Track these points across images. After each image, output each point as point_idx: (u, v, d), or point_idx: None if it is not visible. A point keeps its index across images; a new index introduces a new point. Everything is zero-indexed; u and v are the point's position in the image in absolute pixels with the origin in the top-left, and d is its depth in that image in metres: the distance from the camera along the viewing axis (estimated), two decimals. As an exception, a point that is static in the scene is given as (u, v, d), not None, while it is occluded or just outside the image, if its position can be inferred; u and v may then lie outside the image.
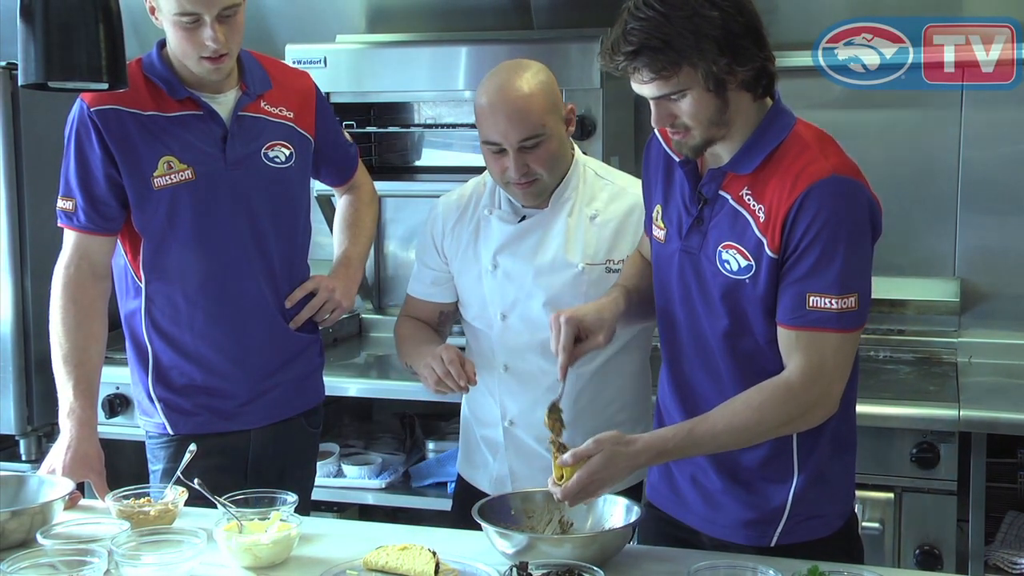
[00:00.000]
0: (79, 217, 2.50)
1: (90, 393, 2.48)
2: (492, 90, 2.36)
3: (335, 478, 3.46)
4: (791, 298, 1.95)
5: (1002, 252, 3.54)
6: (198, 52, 2.42)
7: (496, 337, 2.49)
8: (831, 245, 1.91)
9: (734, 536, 2.10)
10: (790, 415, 1.96)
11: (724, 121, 1.96)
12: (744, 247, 1.98)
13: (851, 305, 1.93)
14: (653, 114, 1.98)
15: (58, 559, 1.91)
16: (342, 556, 2.01)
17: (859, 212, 1.94)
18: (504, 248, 2.47)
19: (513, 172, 2.36)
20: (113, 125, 2.47)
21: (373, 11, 3.82)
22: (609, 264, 2.43)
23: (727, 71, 1.89)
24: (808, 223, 1.91)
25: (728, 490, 2.10)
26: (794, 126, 2.01)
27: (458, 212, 2.55)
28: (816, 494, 2.07)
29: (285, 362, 2.64)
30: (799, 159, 1.96)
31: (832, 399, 1.98)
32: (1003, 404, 3.06)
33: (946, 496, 2.96)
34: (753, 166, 1.99)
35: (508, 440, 2.52)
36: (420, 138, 3.98)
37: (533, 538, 1.97)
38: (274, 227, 2.60)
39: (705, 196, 2.05)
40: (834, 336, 1.94)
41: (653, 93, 1.94)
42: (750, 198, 1.99)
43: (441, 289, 2.59)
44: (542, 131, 2.34)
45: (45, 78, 2.14)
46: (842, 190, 1.92)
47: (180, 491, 2.21)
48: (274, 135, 2.59)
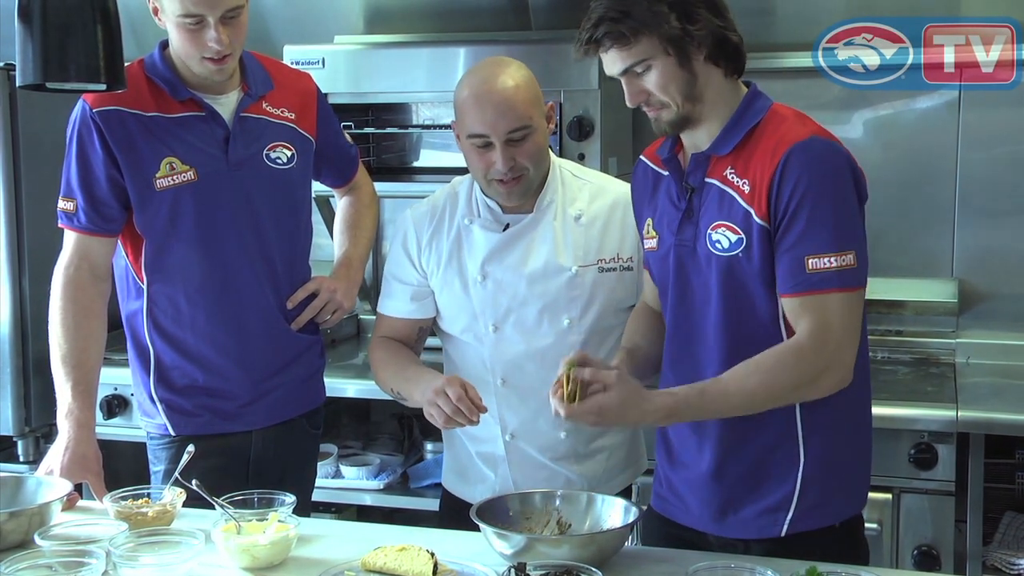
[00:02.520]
0: (80, 218, 2.50)
1: (88, 394, 2.48)
2: (477, 82, 2.34)
3: (333, 479, 3.46)
4: (789, 265, 1.97)
5: (1000, 253, 3.54)
6: (201, 53, 2.42)
7: (489, 350, 2.43)
8: (820, 204, 1.95)
9: (744, 531, 2.10)
10: (801, 378, 1.98)
11: (696, 95, 2.01)
12: (732, 222, 2.01)
13: (850, 262, 1.95)
14: (626, 93, 2.05)
15: (56, 560, 1.91)
16: (340, 557, 2.01)
17: (841, 169, 1.99)
18: (492, 258, 2.41)
19: (500, 165, 2.31)
20: (115, 126, 2.47)
21: (371, 12, 3.82)
22: (601, 264, 2.41)
23: (684, 34, 1.96)
24: (793, 185, 1.95)
25: (736, 484, 2.10)
26: (771, 106, 2.07)
27: (432, 224, 2.48)
28: (825, 480, 2.07)
29: (286, 363, 2.64)
30: (778, 131, 2.02)
31: (844, 365, 1.99)
32: (1001, 405, 3.07)
33: (944, 497, 2.96)
34: (733, 144, 2.04)
35: (511, 453, 2.46)
36: (418, 139, 3.98)
37: (531, 539, 1.97)
38: (276, 228, 2.60)
39: (692, 185, 2.08)
40: (837, 296, 1.96)
41: (618, 67, 2.01)
42: (734, 175, 2.03)
43: (420, 305, 2.50)
44: (529, 123, 2.31)
45: (43, 79, 2.14)
46: (821, 149, 1.98)
47: (178, 492, 2.21)
48: (276, 136, 2.60)
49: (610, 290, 2.42)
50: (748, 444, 2.08)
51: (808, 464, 2.06)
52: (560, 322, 2.40)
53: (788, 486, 2.07)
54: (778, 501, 2.08)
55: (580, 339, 2.39)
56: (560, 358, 2.30)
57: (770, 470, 2.08)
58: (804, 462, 2.06)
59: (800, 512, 2.07)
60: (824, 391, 2.01)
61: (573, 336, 2.40)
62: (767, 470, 2.08)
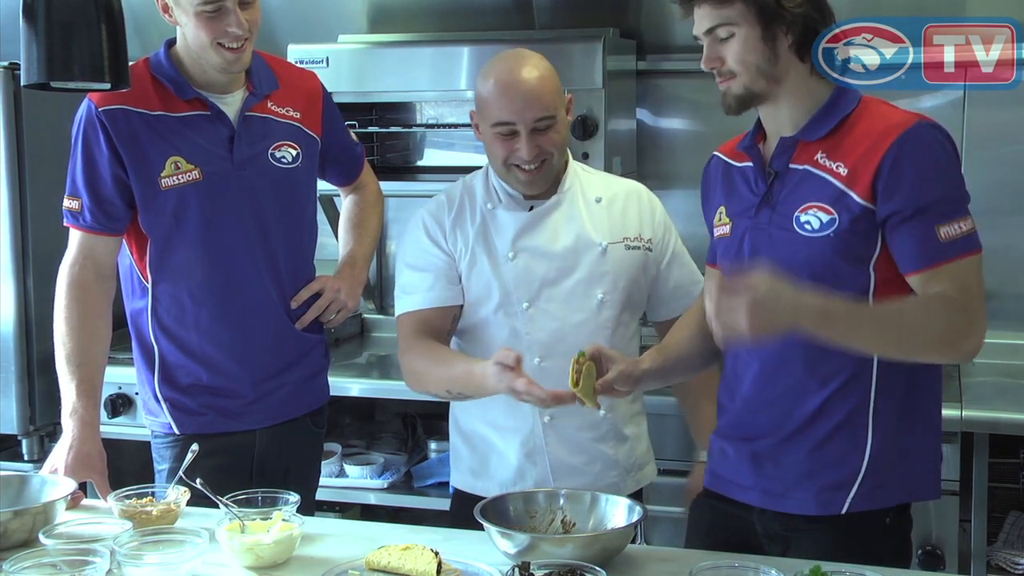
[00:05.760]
0: (85, 217, 2.51)
1: (93, 393, 2.48)
2: (502, 72, 2.36)
3: (337, 478, 3.46)
4: (919, 239, 1.99)
5: (1004, 252, 3.53)
6: (220, 40, 2.42)
7: (523, 328, 2.40)
8: (942, 178, 2.01)
9: (802, 507, 2.10)
10: (952, 331, 1.98)
11: (773, 75, 2.06)
12: (825, 203, 2.04)
13: (972, 226, 2.01)
14: (704, 53, 2.09)
15: (60, 559, 1.91)
16: (344, 556, 2.01)
17: (949, 143, 2.06)
18: (522, 235, 2.42)
19: (525, 153, 2.33)
20: (121, 125, 2.47)
21: (375, 11, 3.82)
22: (627, 241, 2.44)
23: (778, 6, 2.01)
24: (914, 165, 1.99)
25: (801, 459, 2.10)
26: (863, 96, 2.13)
27: (452, 212, 2.47)
28: (891, 461, 2.08)
29: (291, 362, 2.64)
30: (879, 116, 2.07)
31: (981, 328, 2.00)
32: (1006, 404, 3.06)
33: (948, 496, 2.95)
34: (826, 130, 2.07)
35: (549, 436, 2.42)
36: (422, 138, 3.99)
37: (535, 538, 1.97)
38: (280, 227, 2.60)
39: (775, 170, 2.11)
40: (968, 260, 1.99)
41: (705, 24, 2.05)
42: (825, 159, 2.06)
43: (458, 290, 2.44)
44: (554, 113, 2.35)
45: (47, 78, 2.14)
46: (930, 129, 2.04)
47: (182, 491, 2.21)
48: (281, 135, 2.60)
49: (637, 268, 2.45)
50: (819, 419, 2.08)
51: (876, 442, 2.07)
52: (594, 296, 2.41)
53: (856, 462, 2.07)
54: (842, 479, 2.08)
55: (613, 313, 2.41)
56: (595, 335, 2.34)
57: (838, 446, 2.08)
58: (872, 440, 2.07)
59: (864, 490, 2.07)
60: (966, 355, 2.06)
61: (607, 311, 2.41)
62: (835, 447, 2.08)
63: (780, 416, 2.10)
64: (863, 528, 2.08)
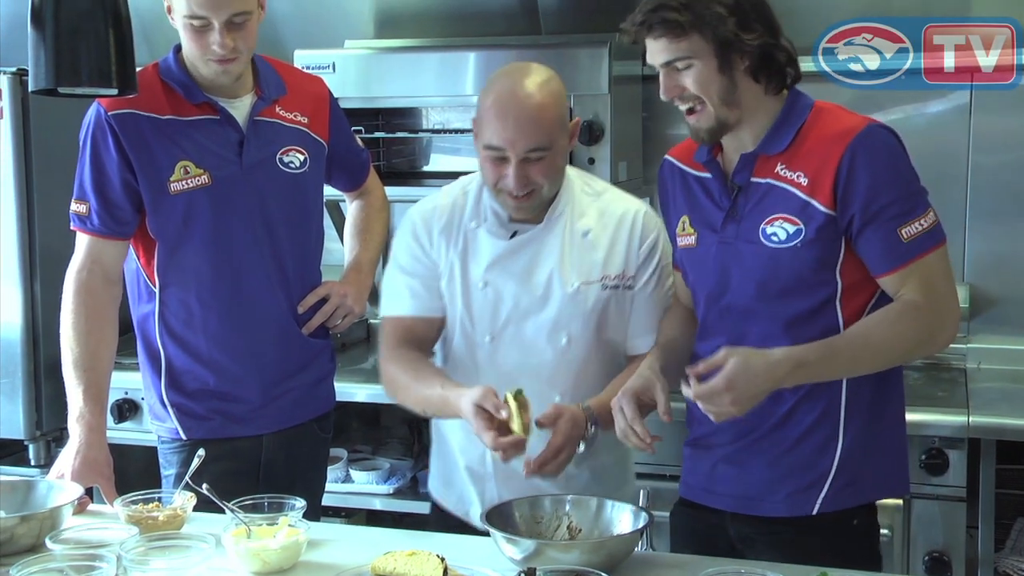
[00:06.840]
0: (93, 221, 2.51)
1: (100, 398, 2.49)
2: (503, 92, 2.24)
3: (343, 483, 3.47)
4: (883, 242, 2.02)
5: (1011, 258, 3.53)
6: (205, 55, 2.43)
7: (484, 361, 2.34)
8: (895, 179, 2.03)
9: (774, 509, 2.12)
10: (922, 333, 2.04)
11: (735, 102, 2.06)
12: (790, 214, 2.06)
13: (933, 220, 2.05)
14: (662, 85, 2.08)
15: (67, 564, 1.90)
16: (350, 561, 2.01)
17: (899, 146, 2.08)
18: (495, 265, 2.33)
19: (512, 182, 2.23)
20: (130, 129, 2.48)
21: (381, 17, 3.83)
22: (605, 281, 2.33)
23: (735, 40, 2.00)
24: (868, 169, 2.01)
25: (772, 462, 2.12)
26: (814, 103, 2.14)
27: (443, 220, 2.38)
28: (861, 459, 2.10)
29: (298, 367, 2.64)
30: (829, 124, 2.09)
31: (953, 318, 2.07)
32: (1012, 410, 3.05)
33: (955, 503, 2.95)
34: (785, 143, 2.09)
35: (498, 470, 2.33)
36: (428, 143, 3.99)
37: (541, 544, 1.97)
38: (288, 232, 2.60)
39: (738, 184, 2.12)
40: (933, 255, 2.04)
41: (662, 58, 2.05)
42: (786, 171, 2.08)
43: (439, 300, 2.38)
44: (549, 145, 2.23)
45: (55, 84, 2.14)
46: (880, 132, 2.06)
47: (189, 496, 2.21)
48: (289, 140, 2.60)
49: (612, 309, 2.35)
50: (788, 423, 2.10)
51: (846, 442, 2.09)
52: (559, 339, 2.32)
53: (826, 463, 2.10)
54: (812, 479, 2.10)
55: (581, 354, 2.33)
56: (558, 376, 2.31)
57: (809, 449, 2.10)
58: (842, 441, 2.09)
59: (834, 491, 2.10)
60: (940, 346, 2.13)
61: (572, 353, 2.32)
62: (805, 449, 2.10)
63: (750, 422, 2.10)
64: (832, 530, 2.11)
